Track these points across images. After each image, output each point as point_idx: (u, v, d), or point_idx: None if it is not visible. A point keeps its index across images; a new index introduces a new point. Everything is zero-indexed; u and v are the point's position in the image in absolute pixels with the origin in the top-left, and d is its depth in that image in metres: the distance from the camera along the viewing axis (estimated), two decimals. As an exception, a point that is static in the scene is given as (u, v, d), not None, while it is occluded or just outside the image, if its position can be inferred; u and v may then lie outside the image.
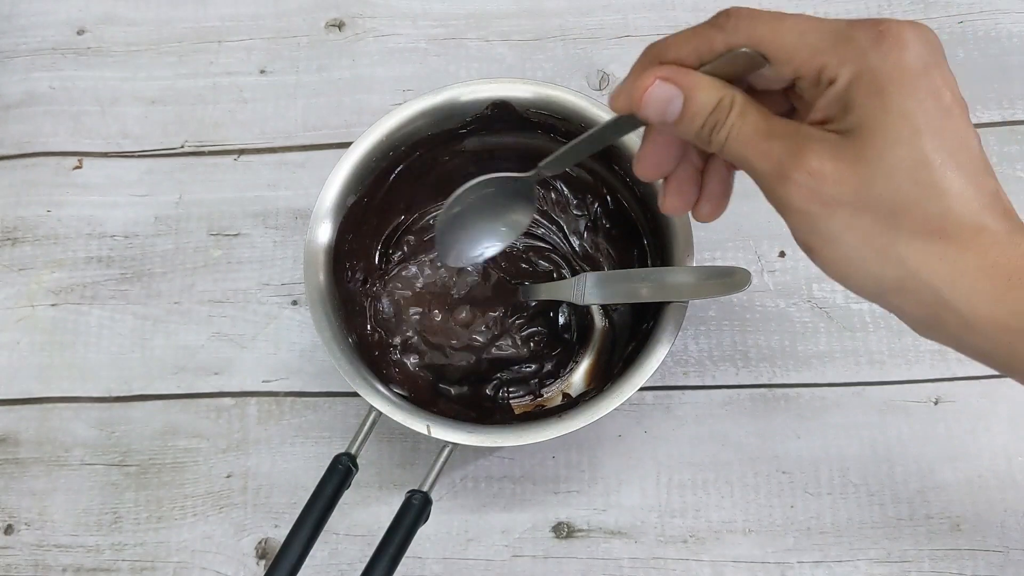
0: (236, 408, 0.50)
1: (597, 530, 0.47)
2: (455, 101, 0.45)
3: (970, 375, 0.49)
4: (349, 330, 0.44)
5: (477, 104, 0.45)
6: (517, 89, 0.45)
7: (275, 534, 0.48)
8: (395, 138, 0.45)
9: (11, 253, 0.54)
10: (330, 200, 0.44)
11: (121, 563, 0.48)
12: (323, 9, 0.59)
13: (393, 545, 0.37)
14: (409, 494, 0.38)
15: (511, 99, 0.45)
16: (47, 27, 0.60)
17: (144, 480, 0.49)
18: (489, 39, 0.58)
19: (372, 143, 0.44)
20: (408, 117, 0.45)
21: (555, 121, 0.45)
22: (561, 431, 0.40)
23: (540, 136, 0.47)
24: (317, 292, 0.43)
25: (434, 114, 0.45)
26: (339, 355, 0.41)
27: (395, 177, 0.47)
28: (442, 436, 0.40)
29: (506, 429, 0.40)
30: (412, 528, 0.38)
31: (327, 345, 0.41)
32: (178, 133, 0.56)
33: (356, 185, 0.44)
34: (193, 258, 0.53)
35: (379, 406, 0.40)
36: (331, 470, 0.39)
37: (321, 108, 0.56)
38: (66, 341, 0.52)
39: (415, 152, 0.46)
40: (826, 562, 0.46)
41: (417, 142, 0.46)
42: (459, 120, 0.46)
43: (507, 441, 0.40)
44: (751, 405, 0.49)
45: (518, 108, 0.45)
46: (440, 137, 0.46)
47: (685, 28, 0.29)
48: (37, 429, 0.50)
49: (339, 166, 0.44)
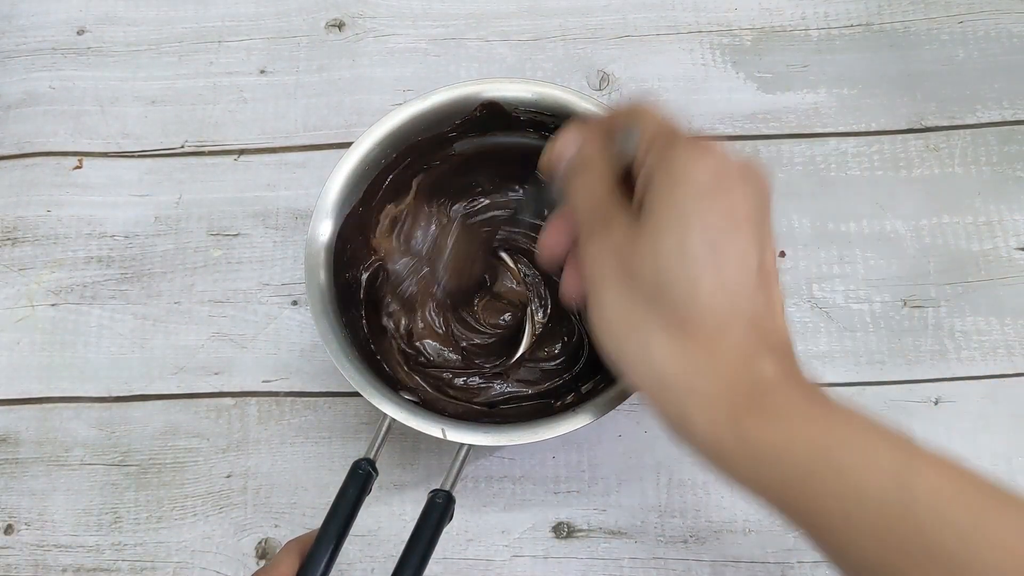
0: (236, 408, 0.50)
1: (597, 530, 0.47)
2: (442, 104, 0.45)
3: (970, 375, 0.49)
4: (354, 336, 0.44)
5: (466, 106, 0.45)
6: (505, 88, 0.45)
7: (275, 534, 0.48)
8: (386, 146, 0.45)
9: (11, 253, 0.54)
10: (327, 211, 0.43)
11: (121, 563, 0.48)
12: (323, 9, 0.59)
13: (421, 544, 0.36)
14: (432, 493, 0.38)
15: (500, 99, 0.45)
16: (47, 27, 0.60)
17: (144, 480, 0.49)
18: (489, 39, 0.58)
19: (364, 151, 0.44)
20: (396, 124, 0.44)
21: (545, 118, 0.45)
22: (574, 425, 0.39)
23: (531, 135, 0.46)
24: (320, 302, 0.42)
25: (423, 119, 0.45)
26: (348, 366, 0.41)
27: (388, 185, 0.47)
28: (458, 439, 0.39)
29: (519, 427, 0.40)
30: (438, 527, 0.37)
31: (334, 356, 0.41)
32: (178, 133, 0.56)
33: (350, 198, 0.44)
34: (193, 258, 0.53)
35: (393, 414, 0.40)
36: (351, 476, 0.38)
37: (321, 108, 0.56)
38: (66, 341, 0.52)
39: (406, 159, 0.46)
40: (826, 562, 0.46)
41: (407, 148, 0.46)
42: (448, 124, 0.45)
43: (522, 439, 0.40)
44: (751, 405, 0.49)
45: (507, 108, 0.45)
46: (430, 142, 0.46)
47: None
48: (37, 429, 0.50)
49: (332, 178, 0.44)
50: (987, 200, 0.52)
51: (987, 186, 0.52)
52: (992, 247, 0.51)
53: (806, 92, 0.55)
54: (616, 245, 0.29)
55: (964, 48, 0.56)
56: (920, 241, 0.52)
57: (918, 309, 0.50)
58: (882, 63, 0.56)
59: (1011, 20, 0.56)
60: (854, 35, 0.56)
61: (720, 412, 0.27)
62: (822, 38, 0.56)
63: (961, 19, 0.56)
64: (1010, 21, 0.56)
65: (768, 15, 0.57)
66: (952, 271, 0.51)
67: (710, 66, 0.56)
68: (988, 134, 0.53)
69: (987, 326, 0.50)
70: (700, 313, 0.27)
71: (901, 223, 0.52)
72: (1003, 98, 0.54)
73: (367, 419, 0.49)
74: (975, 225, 0.52)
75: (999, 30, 0.56)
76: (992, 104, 0.54)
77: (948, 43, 0.56)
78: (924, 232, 0.52)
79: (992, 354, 0.49)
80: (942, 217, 0.52)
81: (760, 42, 0.57)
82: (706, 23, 0.57)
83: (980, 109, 0.54)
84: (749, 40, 0.57)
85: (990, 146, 0.53)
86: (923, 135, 0.54)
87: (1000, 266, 0.51)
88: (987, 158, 0.53)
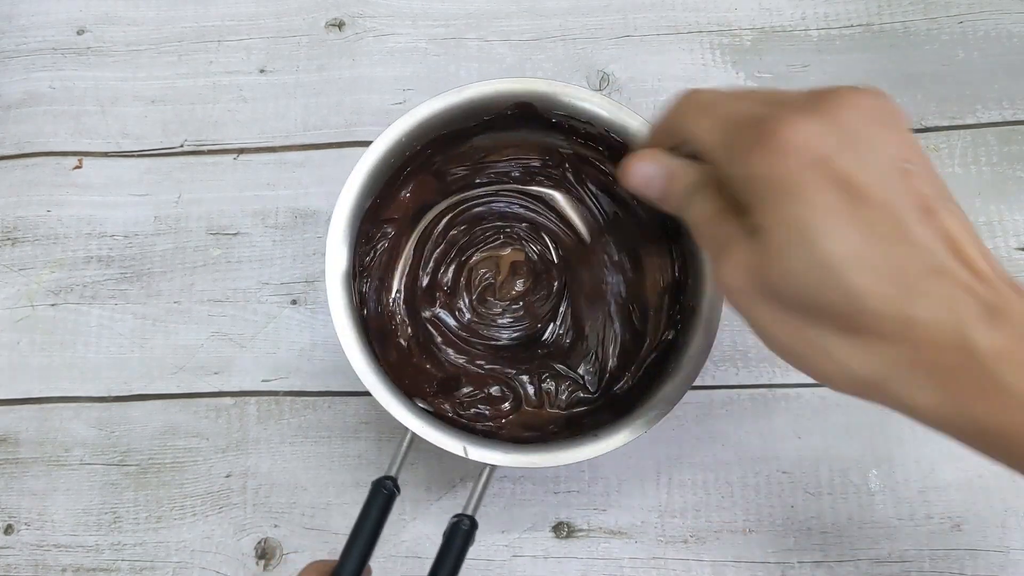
0: (236, 408, 0.50)
1: (597, 530, 0.47)
2: (476, 100, 0.43)
3: (970, 375, 0.49)
4: (381, 348, 0.42)
5: (500, 103, 0.43)
6: (539, 86, 0.43)
7: (275, 534, 0.48)
8: (413, 136, 0.43)
9: (11, 253, 0.54)
10: (346, 211, 0.42)
11: (121, 563, 0.48)
12: (323, 9, 0.59)
13: (446, 570, 0.35)
14: (455, 518, 0.36)
15: (537, 99, 0.43)
16: (47, 27, 0.60)
17: (144, 480, 0.49)
18: (489, 39, 0.58)
19: (389, 143, 0.43)
20: (426, 116, 0.43)
21: (578, 123, 0.44)
22: (597, 452, 0.38)
23: (557, 136, 0.46)
24: (344, 317, 0.40)
25: (452, 112, 0.43)
26: (373, 380, 0.39)
27: (405, 177, 0.45)
28: (479, 458, 0.38)
29: (542, 449, 0.39)
30: (462, 552, 0.36)
31: (359, 370, 0.39)
32: (178, 133, 0.56)
33: (372, 189, 0.43)
34: (193, 257, 0.53)
35: (415, 428, 0.38)
36: (374, 495, 0.37)
37: (321, 108, 0.56)
38: (66, 341, 0.52)
39: (427, 151, 0.45)
40: (826, 562, 0.46)
41: (430, 141, 0.44)
42: (477, 119, 0.44)
43: (545, 462, 0.38)
44: (751, 405, 0.49)
45: (540, 109, 0.44)
46: (453, 135, 0.45)
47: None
48: (37, 429, 0.50)
49: (355, 172, 0.42)
50: (987, 200, 0.52)
51: (987, 186, 0.52)
52: (992, 247, 0.51)
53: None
54: (746, 268, 0.27)
55: (964, 48, 0.56)
56: (920, 241, 0.51)
57: (918, 309, 0.50)
58: (882, 63, 0.56)
59: (1011, 20, 0.56)
60: (854, 35, 0.56)
61: (943, 400, 0.25)
62: (822, 38, 0.56)
63: (961, 19, 0.56)
64: (1010, 21, 0.56)
65: (768, 15, 0.57)
66: (952, 271, 0.51)
67: (710, 66, 0.56)
68: (988, 134, 0.53)
69: (987, 326, 0.50)
70: (871, 311, 0.25)
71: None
72: (1003, 98, 0.54)
73: (367, 419, 0.49)
74: (975, 225, 0.52)
75: (999, 30, 0.56)
76: (992, 104, 0.54)
77: (948, 43, 0.56)
78: (924, 232, 0.52)
79: (992, 354, 0.49)
80: (942, 217, 0.52)
81: (760, 42, 0.57)
82: (706, 23, 0.57)
83: (980, 109, 0.54)
84: (749, 40, 0.57)
85: (990, 146, 0.53)
86: (923, 135, 0.54)
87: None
88: (987, 158, 0.53)
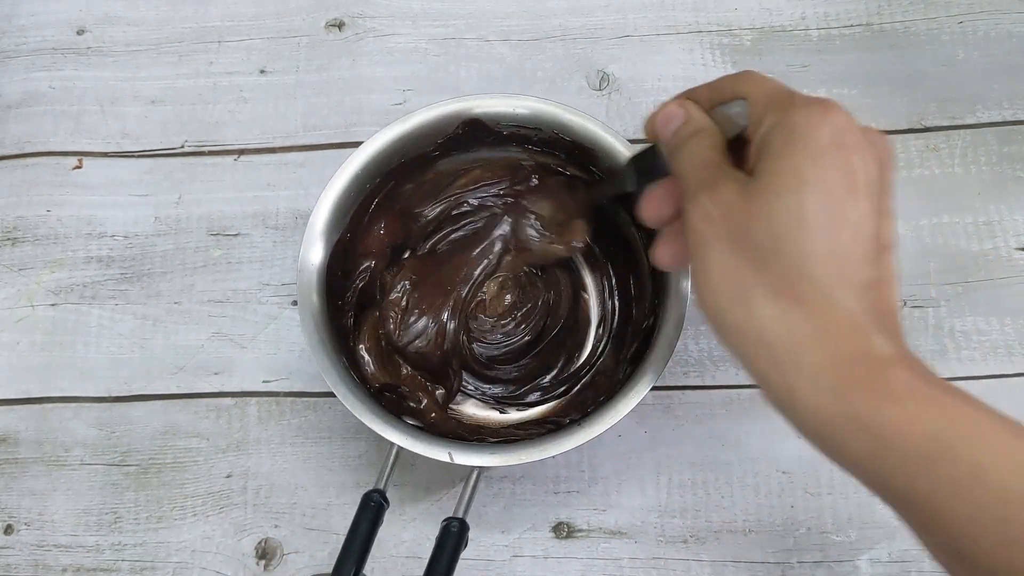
0: (236, 408, 0.50)
1: (597, 530, 0.47)
2: (425, 124, 0.44)
3: (970, 375, 0.49)
4: (351, 361, 0.43)
5: (447, 124, 0.44)
6: (485, 104, 0.44)
7: (275, 534, 0.48)
8: (370, 169, 0.44)
9: (11, 253, 0.54)
10: (316, 236, 0.43)
11: (121, 563, 0.48)
12: (323, 9, 0.59)
13: (439, 574, 0.35)
14: (446, 522, 0.37)
15: (481, 115, 0.44)
16: (47, 27, 0.60)
17: (144, 480, 0.49)
18: (489, 39, 0.58)
19: (349, 176, 0.44)
20: (379, 148, 0.44)
21: (528, 131, 0.45)
22: (583, 439, 0.39)
23: (513, 148, 0.46)
24: (319, 345, 0.42)
25: (404, 141, 0.44)
26: (352, 399, 0.40)
27: (374, 209, 0.46)
28: (466, 462, 0.39)
29: (527, 445, 0.39)
30: (454, 555, 0.36)
31: (336, 388, 0.40)
32: (178, 133, 0.56)
33: (339, 223, 0.44)
34: (193, 258, 0.53)
35: (400, 442, 0.39)
36: (363, 509, 0.37)
37: (321, 108, 0.56)
38: (66, 341, 0.52)
39: (389, 182, 0.46)
40: (826, 562, 0.46)
41: (389, 172, 0.45)
42: (431, 143, 0.45)
43: (530, 456, 0.39)
44: (751, 405, 0.49)
45: (489, 124, 0.45)
46: (413, 163, 0.46)
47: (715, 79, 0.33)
48: (37, 429, 0.50)
49: (319, 206, 0.43)
50: (987, 200, 0.52)
51: (987, 186, 0.52)
52: (992, 247, 0.51)
53: (806, 92, 0.55)
54: (726, 204, 0.28)
55: (964, 48, 0.56)
56: (920, 241, 0.52)
57: (918, 309, 0.50)
58: (882, 63, 0.56)
59: (1011, 20, 0.56)
60: (854, 35, 0.56)
61: (827, 385, 0.26)
62: (822, 38, 0.56)
63: (961, 19, 0.56)
64: (1010, 21, 0.56)
65: (768, 15, 0.57)
66: (952, 271, 0.51)
67: (710, 66, 0.56)
68: (988, 134, 0.53)
69: (987, 326, 0.50)
70: (810, 279, 0.26)
71: (901, 223, 0.52)
72: (1003, 98, 0.54)
73: (367, 419, 0.49)
74: (975, 225, 0.52)
75: (999, 30, 0.56)
76: (992, 104, 0.54)
77: (948, 43, 0.56)
78: (924, 232, 0.52)
79: (992, 354, 0.49)
80: (942, 217, 0.52)
81: (760, 42, 0.57)
82: (706, 23, 0.57)
83: (980, 109, 0.54)
84: (749, 40, 0.57)
85: (990, 146, 0.53)
86: (923, 135, 0.54)
87: (1000, 266, 0.51)
88: (987, 158, 0.53)
